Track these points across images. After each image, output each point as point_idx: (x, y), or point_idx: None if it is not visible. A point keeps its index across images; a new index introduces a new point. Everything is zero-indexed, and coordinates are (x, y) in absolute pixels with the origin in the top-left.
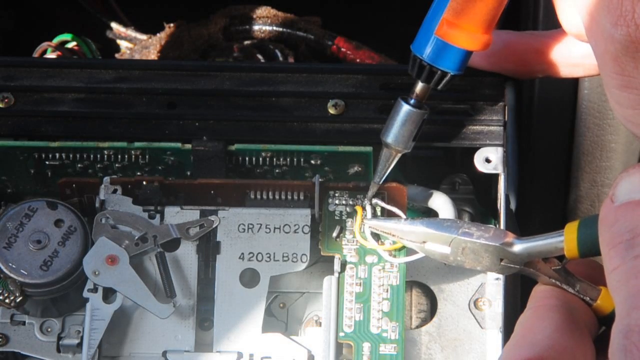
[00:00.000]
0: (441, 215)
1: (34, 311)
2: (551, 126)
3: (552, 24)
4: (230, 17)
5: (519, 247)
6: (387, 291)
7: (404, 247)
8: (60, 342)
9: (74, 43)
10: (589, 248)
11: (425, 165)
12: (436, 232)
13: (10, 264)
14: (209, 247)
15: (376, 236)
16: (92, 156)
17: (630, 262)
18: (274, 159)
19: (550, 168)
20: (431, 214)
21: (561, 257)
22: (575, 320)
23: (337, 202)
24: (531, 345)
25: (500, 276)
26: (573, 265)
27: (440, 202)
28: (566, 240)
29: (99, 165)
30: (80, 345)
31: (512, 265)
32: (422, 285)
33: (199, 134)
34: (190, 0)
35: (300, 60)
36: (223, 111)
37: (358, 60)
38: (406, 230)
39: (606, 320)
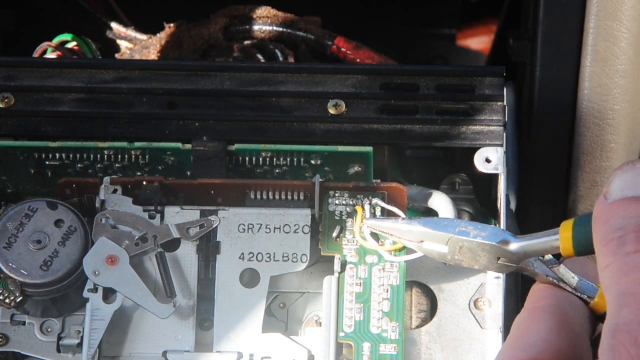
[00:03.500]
0: (441, 215)
1: (34, 311)
2: (551, 126)
3: (552, 24)
4: (230, 17)
5: (515, 245)
6: (387, 291)
7: (404, 247)
8: (60, 342)
9: (74, 43)
10: (584, 246)
11: (425, 165)
12: (433, 231)
13: (10, 264)
14: (209, 247)
15: (376, 236)
16: (92, 156)
17: (621, 259)
18: (274, 159)
19: (550, 168)
20: (431, 213)
21: (558, 255)
22: (571, 321)
23: (337, 202)
24: (526, 347)
25: (501, 276)
26: (571, 263)
27: (440, 202)
28: (561, 238)
29: (99, 165)
30: (80, 345)
31: (509, 264)
32: (422, 285)
33: (199, 134)
34: (190, 0)
35: (300, 60)
36: (223, 111)
37: (358, 60)
38: (404, 230)
39: (604, 318)
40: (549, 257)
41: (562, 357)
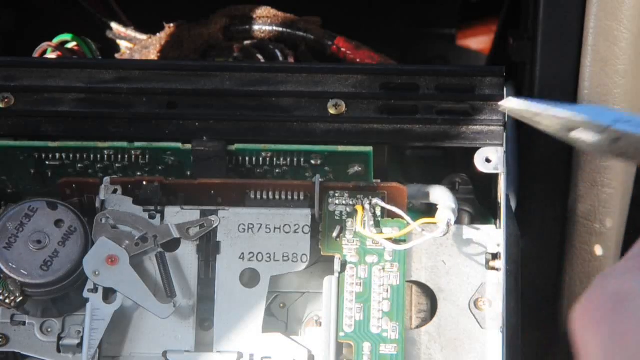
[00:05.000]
0: (441, 207)
1: (34, 311)
2: None
3: (552, 24)
4: (230, 17)
5: None
6: (387, 291)
7: (405, 236)
8: (60, 342)
9: (74, 43)
10: None
11: (425, 165)
12: (586, 119)
13: (11, 264)
14: (209, 247)
15: (377, 227)
16: (92, 156)
17: None
18: (274, 159)
19: (550, 168)
20: (432, 210)
21: None
22: None
23: (337, 202)
24: None
25: (501, 276)
26: None
27: (440, 195)
28: None
29: (99, 165)
30: (80, 345)
31: None
32: (422, 285)
33: (199, 134)
34: (190, 0)
35: (300, 60)
36: (223, 111)
37: (358, 60)
38: (550, 115)
39: None
40: None
41: None
